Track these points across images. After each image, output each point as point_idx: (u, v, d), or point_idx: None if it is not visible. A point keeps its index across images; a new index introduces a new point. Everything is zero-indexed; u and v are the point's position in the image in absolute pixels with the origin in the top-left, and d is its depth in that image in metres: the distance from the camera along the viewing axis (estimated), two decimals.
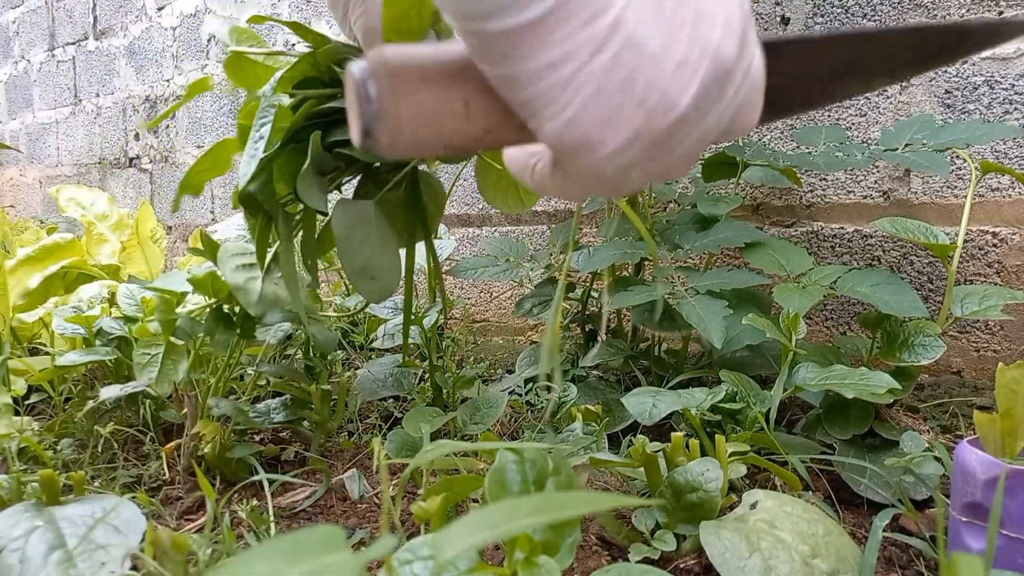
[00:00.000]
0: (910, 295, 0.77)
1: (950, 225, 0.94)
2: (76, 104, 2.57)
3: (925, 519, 0.64)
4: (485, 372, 1.17)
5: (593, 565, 0.61)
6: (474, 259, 1.09)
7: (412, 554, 0.43)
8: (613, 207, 1.13)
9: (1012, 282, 0.92)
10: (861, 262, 1.03)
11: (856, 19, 0.99)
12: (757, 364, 0.89)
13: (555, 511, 0.25)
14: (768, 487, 0.71)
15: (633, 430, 0.84)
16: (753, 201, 1.12)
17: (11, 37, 2.86)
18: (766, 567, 0.52)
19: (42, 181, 2.81)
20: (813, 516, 0.58)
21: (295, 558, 0.22)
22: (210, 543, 0.62)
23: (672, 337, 1.06)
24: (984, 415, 0.54)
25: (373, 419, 0.98)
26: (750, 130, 0.34)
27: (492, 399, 0.82)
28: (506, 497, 0.44)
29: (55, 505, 0.65)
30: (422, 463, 0.69)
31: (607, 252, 0.93)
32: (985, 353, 0.94)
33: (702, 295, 0.82)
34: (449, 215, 1.52)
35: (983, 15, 0.90)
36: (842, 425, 0.75)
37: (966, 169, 0.93)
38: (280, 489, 0.80)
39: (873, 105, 0.99)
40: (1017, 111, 0.89)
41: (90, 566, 0.57)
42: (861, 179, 1.02)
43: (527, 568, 0.41)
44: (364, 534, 0.69)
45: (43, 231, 1.60)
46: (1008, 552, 0.50)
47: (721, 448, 0.63)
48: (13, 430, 0.80)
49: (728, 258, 1.14)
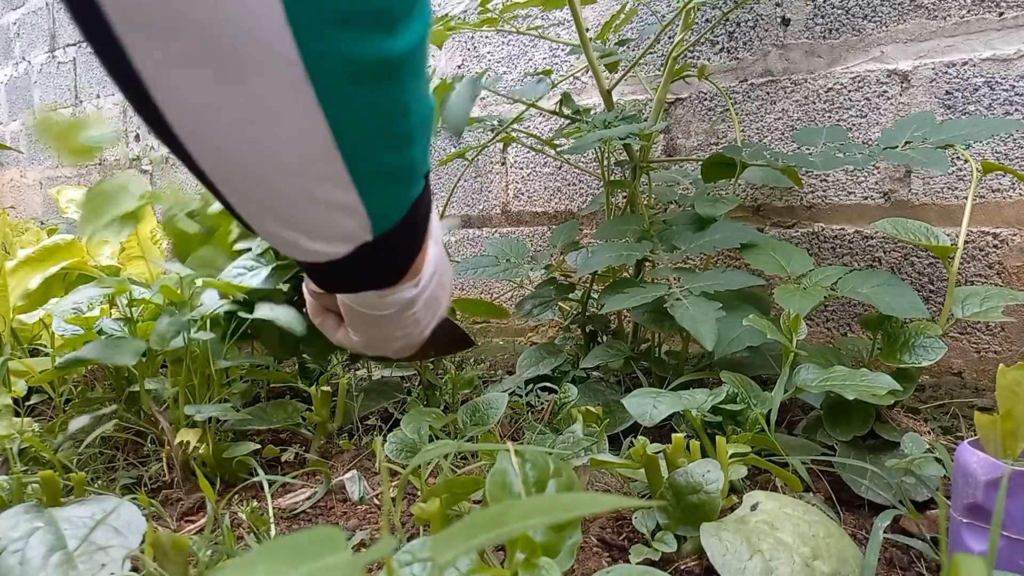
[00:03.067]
0: (911, 296, 0.77)
1: (951, 226, 0.94)
2: (77, 105, 2.57)
3: (926, 520, 0.64)
4: (485, 373, 1.17)
5: (594, 566, 0.61)
6: (474, 260, 1.09)
7: (412, 555, 0.43)
8: (612, 208, 1.13)
9: (1013, 283, 0.92)
10: (862, 263, 1.03)
11: (856, 20, 0.99)
12: (758, 365, 0.89)
13: (556, 512, 0.25)
14: (769, 488, 0.71)
15: (634, 431, 0.84)
16: (754, 202, 1.12)
17: (12, 38, 2.86)
18: (767, 568, 0.52)
19: (42, 182, 2.81)
20: (814, 517, 0.58)
21: (295, 559, 0.22)
22: (210, 544, 0.62)
23: (672, 336, 1.06)
24: (985, 416, 0.54)
25: (373, 420, 0.98)
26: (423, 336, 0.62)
27: (492, 400, 0.82)
28: (507, 498, 0.44)
29: (55, 506, 0.65)
30: (422, 464, 0.69)
31: (605, 253, 0.93)
32: (986, 354, 0.94)
33: (696, 297, 0.82)
34: (450, 216, 1.52)
35: (983, 16, 0.90)
36: (843, 426, 0.75)
37: (967, 170, 0.93)
38: (280, 490, 0.80)
39: (873, 106, 0.99)
40: (1018, 112, 0.89)
41: (90, 567, 0.57)
42: (862, 180, 1.02)
43: (528, 569, 0.41)
44: (364, 535, 0.69)
45: (43, 232, 1.60)
46: (1009, 554, 0.50)
47: (722, 449, 0.63)
48: (14, 431, 0.80)
49: (728, 259, 1.14)
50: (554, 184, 1.36)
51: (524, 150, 1.39)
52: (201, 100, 0.38)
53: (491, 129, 1.23)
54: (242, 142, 0.40)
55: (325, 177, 0.42)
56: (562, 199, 1.36)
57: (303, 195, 0.43)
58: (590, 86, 1.29)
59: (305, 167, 0.42)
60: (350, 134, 0.41)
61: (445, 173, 1.52)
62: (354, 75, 0.39)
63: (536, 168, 1.39)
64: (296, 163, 0.41)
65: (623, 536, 0.66)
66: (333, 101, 0.39)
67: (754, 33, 1.09)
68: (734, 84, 1.12)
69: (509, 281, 1.23)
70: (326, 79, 0.38)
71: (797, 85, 1.06)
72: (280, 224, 0.46)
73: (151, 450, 0.89)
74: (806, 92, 1.05)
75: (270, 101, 0.38)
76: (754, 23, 1.09)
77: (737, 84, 1.11)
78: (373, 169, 0.44)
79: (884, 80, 0.98)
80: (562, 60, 1.32)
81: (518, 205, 1.42)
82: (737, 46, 1.11)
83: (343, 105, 0.39)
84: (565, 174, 1.35)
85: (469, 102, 0.96)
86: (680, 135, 1.19)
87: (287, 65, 0.36)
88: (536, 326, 1.39)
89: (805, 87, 1.05)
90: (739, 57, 1.11)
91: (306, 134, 0.40)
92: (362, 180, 0.43)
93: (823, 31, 1.03)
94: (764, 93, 1.09)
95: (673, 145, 1.20)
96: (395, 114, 0.42)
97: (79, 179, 2.59)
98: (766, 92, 1.09)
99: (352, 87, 0.39)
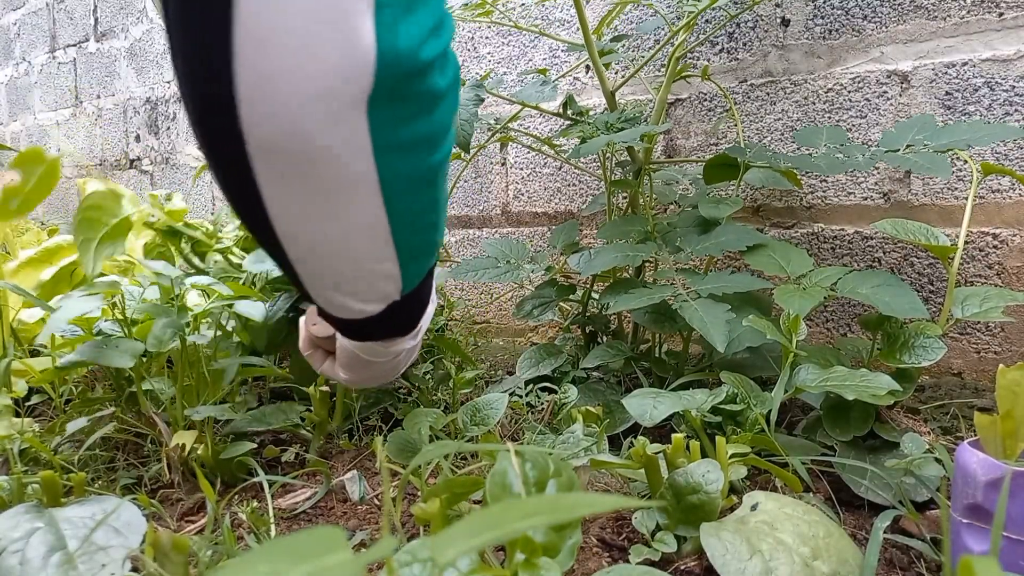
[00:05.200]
0: (910, 297, 0.77)
1: (951, 227, 0.94)
2: (77, 106, 2.57)
3: (926, 521, 0.64)
4: (486, 373, 1.17)
5: (594, 567, 0.61)
6: (474, 261, 1.09)
7: (412, 556, 0.43)
8: (614, 209, 1.13)
9: (1013, 284, 0.92)
10: (862, 264, 1.03)
11: (856, 20, 0.99)
12: (758, 366, 0.89)
13: (556, 513, 0.25)
14: (769, 489, 0.71)
15: (634, 432, 0.84)
16: (753, 203, 1.12)
17: (12, 39, 2.86)
18: (767, 569, 0.52)
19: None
20: (814, 518, 0.58)
21: (296, 559, 0.22)
22: (210, 544, 0.62)
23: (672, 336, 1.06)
24: (985, 417, 0.54)
25: (373, 420, 0.98)
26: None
27: (493, 401, 0.82)
28: (507, 499, 0.44)
29: (55, 507, 0.65)
30: (422, 464, 0.69)
31: (608, 255, 0.93)
32: (986, 355, 0.94)
33: (704, 299, 0.82)
34: (449, 216, 1.52)
35: (983, 16, 0.90)
36: (843, 427, 0.75)
37: (967, 171, 0.93)
38: (280, 491, 0.80)
39: (873, 107, 0.99)
40: (1017, 112, 0.89)
41: (90, 568, 0.57)
42: (861, 181, 1.02)
43: (528, 570, 0.41)
44: (364, 536, 0.69)
45: (44, 233, 1.60)
46: (1009, 554, 0.50)
47: (722, 450, 0.63)
48: (14, 432, 0.80)
49: (728, 259, 1.14)
50: (554, 184, 1.36)
51: (524, 150, 1.39)
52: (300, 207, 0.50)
53: (489, 129, 1.23)
54: (326, 235, 0.52)
55: (383, 258, 0.55)
56: (562, 199, 1.36)
57: (364, 272, 0.56)
58: (590, 86, 1.29)
59: (370, 251, 0.54)
60: (402, 225, 0.53)
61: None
62: (409, 181, 0.52)
63: (536, 168, 1.39)
64: (364, 249, 0.54)
65: (623, 536, 0.66)
66: (393, 202, 0.51)
67: (754, 34, 1.09)
68: (734, 85, 1.12)
69: (509, 282, 1.23)
70: (391, 187, 0.50)
71: (797, 86, 1.06)
72: (339, 292, 0.58)
73: (151, 450, 0.88)
74: (806, 93, 1.05)
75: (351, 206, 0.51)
76: (754, 24, 1.09)
77: (737, 85, 1.11)
78: (412, 248, 0.56)
79: (884, 81, 0.98)
80: (562, 61, 1.32)
81: (518, 205, 1.42)
82: (737, 47, 1.11)
83: (400, 205, 0.52)
84: (565, 174, 1.35)
85: (474, 108, 0.96)
86: (680, 135, 1.19)
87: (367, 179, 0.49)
88: (536, 326, 1.39)
89: (805, 88, 1.05)
90: (739, 58, 1.11)
91: (374, 228, 0.52)
92: (404, 257, 0.56)
93: (823, 32, 1.03)
94: (764, 94, 1.09)
95: (673, 145, 1.20)
96: (430, 206, 0.56)
97: (79, 179, 2.58)
98: (766, 93, 1.09)
99: (407, 191, 0.52)
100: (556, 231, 1.14)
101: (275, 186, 0.48)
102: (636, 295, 0.85)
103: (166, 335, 0.82)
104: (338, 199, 0.50)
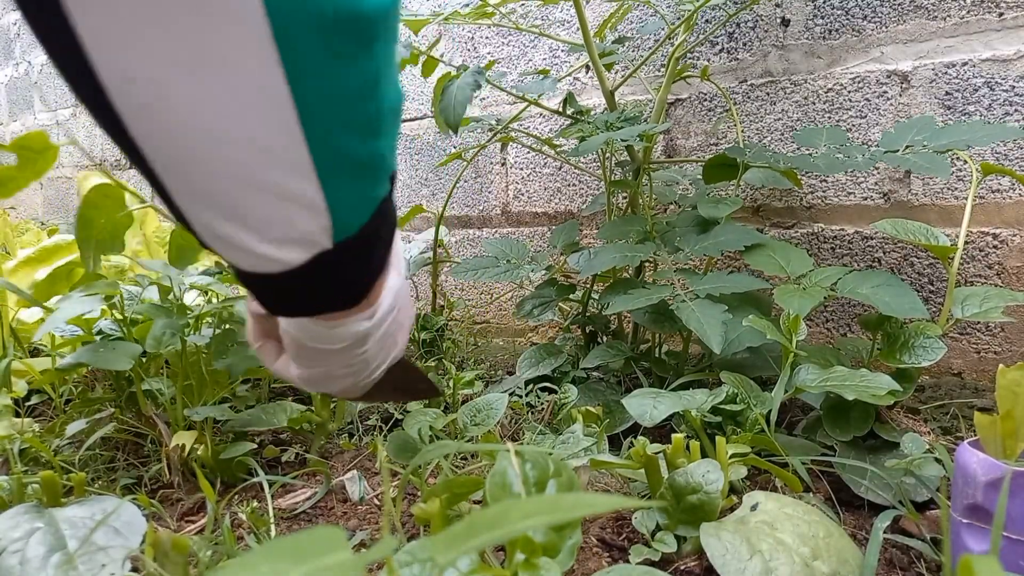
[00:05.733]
0: (910, 297, 0.77)
1: (951, 227, 0.94)
2: (77, 106, 2.57)
3: (926, 521, 0.64)
4: (486, 373, 1.17)
5: (594, 567, 0.61)
6: (475, 260, 1.09)
7: (412, 556, 0.43)
8: (613, 209, 1.13)
9: (1012, 284, 0.92)
10: (861, 264, 1.03)
11: (856, 20, 0.99)
12: (758, 366, 0.89)
13: (556, 513, 0.25)
14: (769, 489, 0.71)
15: (634, 432, 0.84)
16: (753, 203, 1.12)
17: (12, 39, 2.86)
18: (767, 569, 0.52)
19: (42, 183, 2.81)
20: (814, 518, 0.58)
21: (296, 559, 0.22)
22: (210, 545, 0.62)
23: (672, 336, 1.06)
24: (985, 417, 0.54)
25: (373, 420, 0.98)
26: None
27: (493, 401, 0.82)
28: (507, 499, 0.44)
29: (55, 507, 0.65)
30: (422, 464, 0.69)
31: (608, 255, 0.93)
32: (986, 355, 0.94)
33: (702, 299, 0.82)
34: (450, 216, 1.52)
35: (983, 16, 0.90)
36: (843, 427, 0.75)
37: (966, 171, 0.93)
38: (280, 491, 0.80)
39: (873, 107, 0.99)
40: (1017, 112, 0.89)
41: (90, 568, 0.57)
42: (861, 181, 1.02)
43: (528, 569, 0.41)
44: (364, 535, 0.69)
45: (44, 233, 1.60)
46: (1009, 554, 0.50)
47: (722, 450, 0.63)
48: (14, 432, 0.80)
49: (728, 259, 1.14)
50: (554, 185, 1.36)
51: (524, 150, 1.39)
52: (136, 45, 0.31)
53: (489, 129, 1.23)
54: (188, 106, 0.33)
55: (283, 160, 0.36)
56: (562, 199, 1.36)
57: (256, 180, 0.36)
58: (590, 86, 1.29)
59: (265, 143, 0.35)
60: (315, 107, 0.35)
61: (445, 173, 1.53)
62: (322, 31, 0.32)
63: (536, 168, 1.39)
64: (249, 138, 0.34)
65: (623, 536, 0.66)
66: (297, 64, 0.33)
67: (754, 34, 1.09)
68: (734, 85, 1.12)
69: (510, 282, 1.23)
70: (292, 36, 0.32)
71: (797, 86, 1.06)
72: (227, 220, 0.38)
73: (151, 450, 0.89)
74: (806, 93, 1.05)
75: (224, 60, 0.32)
76: (754, 24, 1.09)
77: (737, 85, 1.11)
78: (338, 155, 0.37)
79: (884, 81, 0.98)
80: (562, 61, 1.32)
81: (518, 205, 1.42)
82: (737, 47, 1.11)
83: (309, 69, 0.33)
84: (565, 175, 1.35)
85: (470, 92, 0.95)
86: (680, 135, 1.19)
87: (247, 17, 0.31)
88: (536, 326, 1.39)
89: (805, 88, 1.05)
90: (739, 58, 1.11)
91: (264, 103, 0.33)
92: (325, 167, 0.37)
93: (823, 32, 1.03)
94: (764, 94, 1.09)
95: (673, 145, 1.20)
96: (365, 89, 0.36)
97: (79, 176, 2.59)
98: (766, 93, 1.09)
99: (320, 48, 0.33)
100: (556, 231, 1.14)
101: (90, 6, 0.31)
102: (636, 295, 0.85)
103: (165, 336, 0.82)
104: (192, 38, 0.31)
